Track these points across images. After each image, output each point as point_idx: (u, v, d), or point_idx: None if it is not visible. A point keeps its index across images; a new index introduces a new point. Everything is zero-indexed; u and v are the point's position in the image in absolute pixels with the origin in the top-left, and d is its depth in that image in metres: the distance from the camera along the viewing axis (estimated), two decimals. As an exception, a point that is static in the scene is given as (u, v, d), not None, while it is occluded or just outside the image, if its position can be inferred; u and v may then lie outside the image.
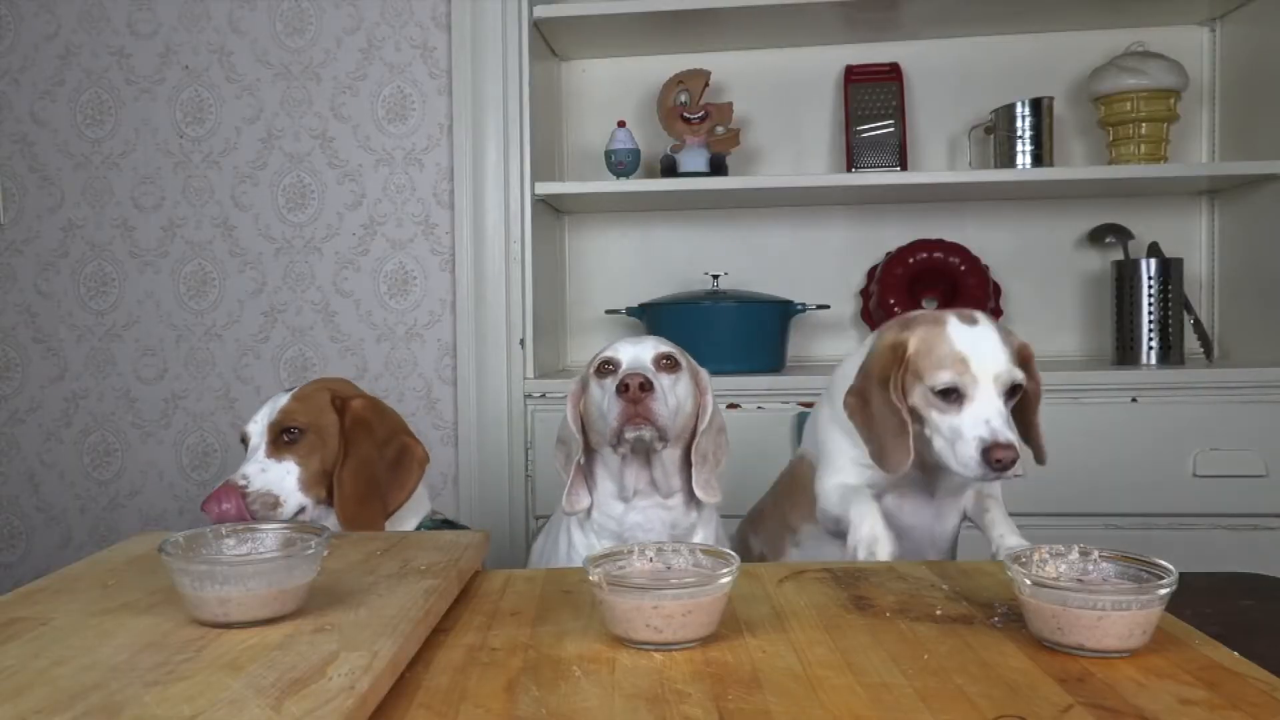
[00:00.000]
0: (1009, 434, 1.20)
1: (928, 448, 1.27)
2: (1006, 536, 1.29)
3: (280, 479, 1.40)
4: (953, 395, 1.23)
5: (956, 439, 1.22)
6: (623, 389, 1.29)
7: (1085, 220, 2.44)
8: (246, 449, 1.44)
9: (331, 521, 1.42)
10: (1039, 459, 1.33)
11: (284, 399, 1.45)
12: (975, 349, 1.23)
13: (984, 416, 1.20)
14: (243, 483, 1.38)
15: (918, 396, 1.26)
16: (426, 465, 1.48)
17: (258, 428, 1.44)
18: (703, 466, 1.38)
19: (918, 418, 1.26)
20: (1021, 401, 1.28)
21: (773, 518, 1.53)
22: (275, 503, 1.38)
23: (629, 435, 1.30)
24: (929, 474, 1.34)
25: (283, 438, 1.41)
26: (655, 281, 2.52)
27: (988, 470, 1.18)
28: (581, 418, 1.41)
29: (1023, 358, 1.27)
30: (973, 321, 1.26)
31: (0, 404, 2.56)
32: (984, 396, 1.22)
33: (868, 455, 1.29)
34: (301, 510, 1.40)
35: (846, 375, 1.37)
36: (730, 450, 1.46)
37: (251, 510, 1.36)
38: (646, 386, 1.29)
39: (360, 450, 1.42)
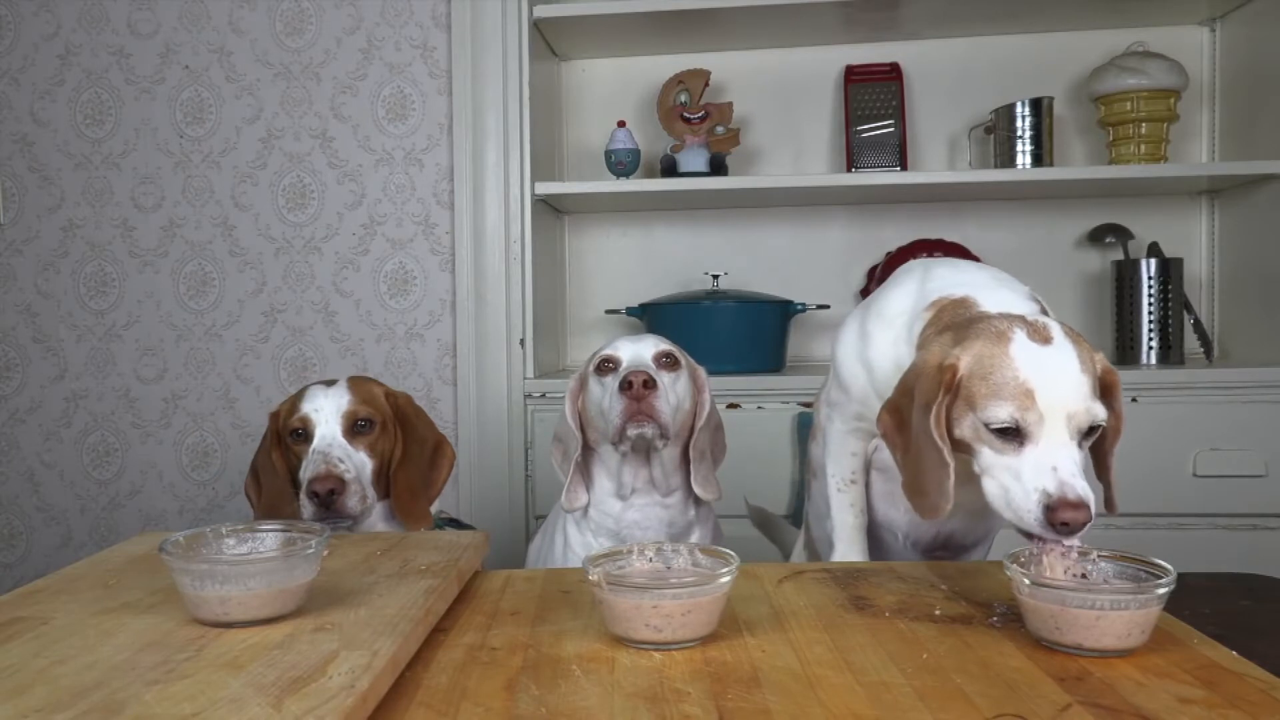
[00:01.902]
0: (1081, 487, 0.92)
1: (975, 486, 1.03)
2: None
3: (362, 469, 1.36)
4: (1012, 433, 0.96)
5: (1013, 484, 0.96)
6: (626, 386, 1.29)
7: (1085, 220, 2.44)
8: (299, 437, 1.37)
9: (378, 515, 1.40)
10: (1109, 506, 1.09)
11: (342, 392, 1.40)
12: (1046, 378, 0.96)
13: (1050, 462, 0.94)
14: (350, 476, 1.31)
15: (967, 428, 1.00)
16: (455, 463, 1.49)
17: (324, 415, 1.37)
18: (701, 463, 1.38)
19: (966, 449, 1.02)
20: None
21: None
22: (363, 497, 1.33)
23: (631, 433, 1.30)
24: None
25: (354, 428, 1.37)
26: (655, 281, 2.52)
27: (1049, 531, 0.91)
28: (580, 415, 1.41)
29: (1105, 386, 1.02)
30: (1045, 339, 0.98)
31: (0, 404, 2.56)
32: (1052, 437, 0.95)
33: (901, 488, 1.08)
34: (367, 503, 1.35)
35: (885, 316, 1.19)
36: (727, 448, 1.46)
37: (348, 504, 1.30)
38: (650, 384, 1.29)
39: (412, 446, 1.42)
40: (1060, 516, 0.90)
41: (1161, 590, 0.76)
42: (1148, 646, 0.77)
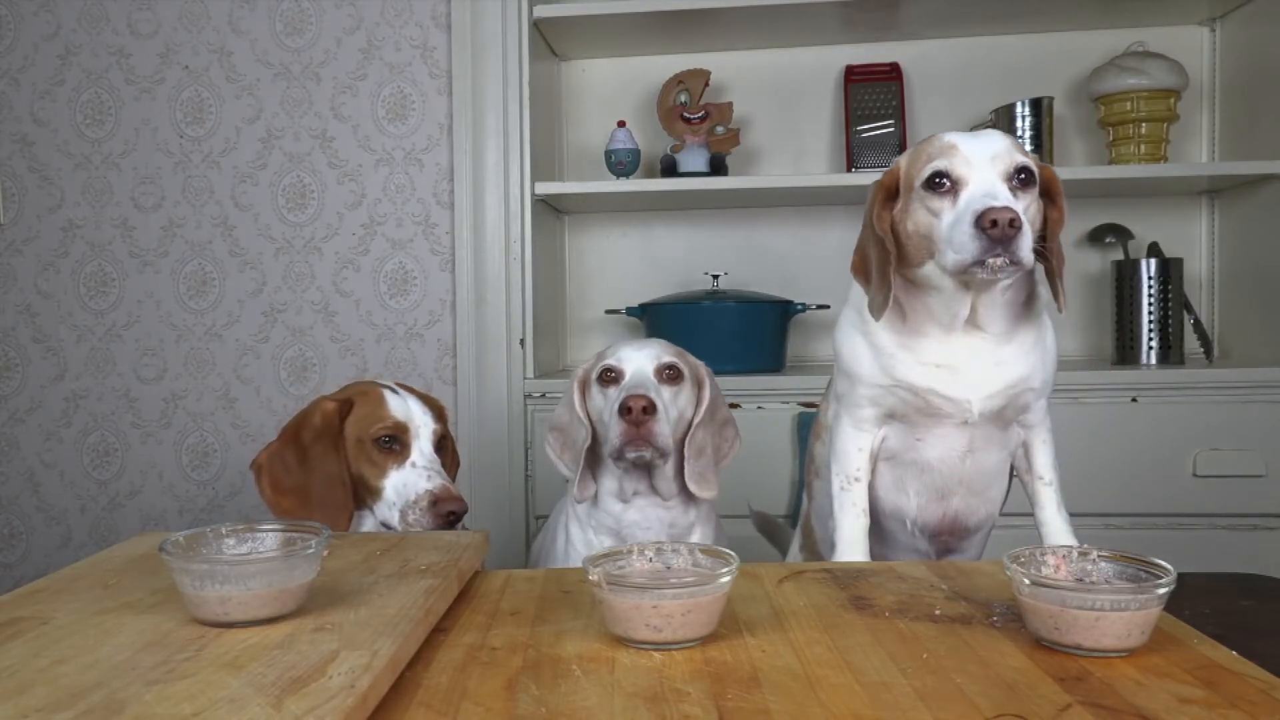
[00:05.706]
0: (1010, 199, 1.05)
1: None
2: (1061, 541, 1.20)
3: None
4: (944, 186, 1.08)
5: (954, 223, 1.06)
6: (625, 411, 1.28)
7: (1085, 220, 2.44)
8: (398, 444, 1.36)
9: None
10: (1058, 303, 1.17)
11: (415, 404, 1.39)
12: (969, 140, 1.10)
13: (981, 192, 1.06)
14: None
15: (919, 211, 1.11)
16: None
17: (426, 432, 1.36)
18: (698, 460, 1.36)
19: (928, 251, 1.11)
20: (1042, 232, 1.13)
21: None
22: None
23: (630, 455, 1.30)
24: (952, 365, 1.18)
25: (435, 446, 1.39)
26: (655, 281, 2.52)
27: (984, 239, 1.02)
28: (587, 412, 1.40)
29: (1046, 182, 1.13)
30: (977, 133, 1.13)
31: (0, 404, 2.56)
32: (982, 178, 1.07)
33: (869, 309, 1.17)
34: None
35: None
36: (741, 438, 1.45)
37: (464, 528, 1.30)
38: (650, 410, 1.27)
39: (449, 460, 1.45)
40: (989, 216, 1.02)
41: (1161, 590, 0.76)
42: (1148, 646, 0.77)
